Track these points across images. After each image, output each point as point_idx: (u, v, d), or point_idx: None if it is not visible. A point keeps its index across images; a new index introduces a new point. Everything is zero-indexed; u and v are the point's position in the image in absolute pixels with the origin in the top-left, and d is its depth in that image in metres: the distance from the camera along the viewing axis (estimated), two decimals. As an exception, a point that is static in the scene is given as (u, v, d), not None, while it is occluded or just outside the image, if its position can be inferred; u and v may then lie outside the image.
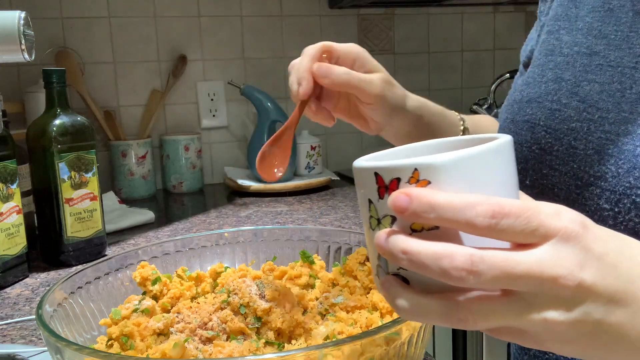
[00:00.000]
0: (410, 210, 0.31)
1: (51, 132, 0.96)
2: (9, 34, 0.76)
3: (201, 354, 0.45)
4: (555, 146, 0.50)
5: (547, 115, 0.52)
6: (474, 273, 0.30)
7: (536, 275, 0.30)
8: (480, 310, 0.32)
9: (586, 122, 0.48)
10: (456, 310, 0.32)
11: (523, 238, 0.31)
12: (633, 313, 0.32)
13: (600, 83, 0.49)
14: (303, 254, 0.61)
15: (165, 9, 1.65)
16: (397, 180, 0.33)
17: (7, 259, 0.91)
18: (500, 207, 0.30)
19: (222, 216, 1.32)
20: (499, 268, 0.30)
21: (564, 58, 0.53)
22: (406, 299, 0.33)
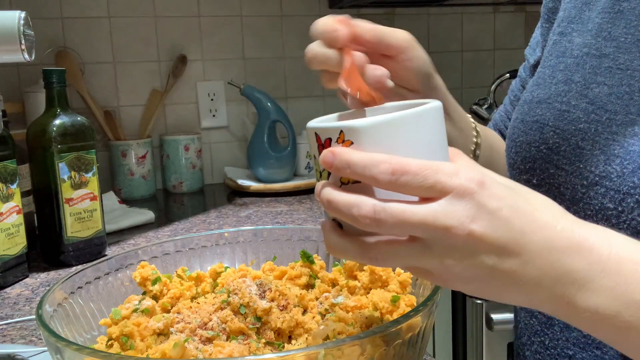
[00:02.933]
0: (333, 166, 0.37)
1: (51, 132, 0.96)
2: (9, 34, 0.76)
3: (201, 354, 0.45)
4: (562, 146, 0.51)
5: (556, 116, 0.52)
6: (377, 221, 0.36)
7: (430, 224, 0.35)
8: (387, 252, 0.37)
9: (594, 123, 0.49)
10: (368, 251, 0.38)
11: (422, 193, 0.36)
12: (523, 263, 0.36)
13: (609, 85, 0.50)
14: (303, 254, 0.61)
15: (165, 9, 1.65)
16: (329, 140, 0.38)
17: (7, 259, 0.91)
18: (401, 166, 0.35)
19: (222, 216, 1.32)
20: (397, 217, 0.35)
21: (574, 60, 0.54)
22: (333, 239, 0.39)
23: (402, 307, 0.52)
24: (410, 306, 0.52)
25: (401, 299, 0.52)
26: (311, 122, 0.42)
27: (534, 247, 0.36)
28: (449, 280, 0.38)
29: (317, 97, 1.81)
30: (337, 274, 0.59)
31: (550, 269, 0.37)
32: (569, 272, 0.37)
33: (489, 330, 1.13)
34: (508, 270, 0.36)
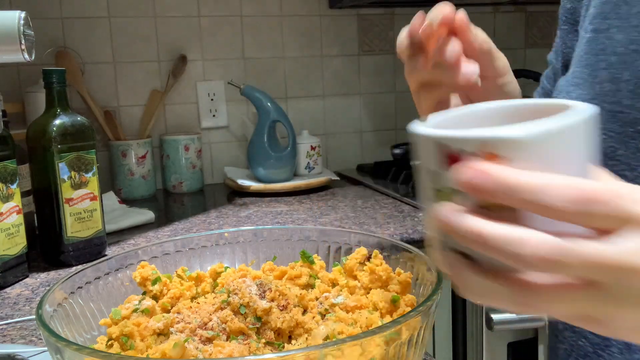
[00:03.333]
0: (484, 189, 0.29)
1: (51, 132, 0.96)
2: (9, 34, 0.76)
3: (201, 354, 0.45)
4: (619, 150, 0.47)
5: (607, 118, 0.49)
6: (558, 263, 0.28)
7: (622, 265, 0.28)
8: (552, 299, 0.30)
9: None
10: (525, 297, 0.30)
11: (605, 223, 0.29)
12: None
13: None
14: (303, 254, 0.61)
15: (165, 9, 1.65)
16: (462, 154, 0.30)
17: (7, 259, 0.91)
18: (583, 191, 0.28)
19: (222, 216, 1.32)
20: (590, 259, 0.28)
21: (618, 57, 0.50)
22: (472, 280, 0.31)
23: (402, 307, 0.52)
24: (410, 306, 0.52)
25: (401, 299, 0.52)
26: (425, 129, 0.33)
27: None
28: (620, 330, 0.32)
29: (317, 97, 1.81)
30: (337, 274, 0.59)
31: None
32: None
33: (489, 330, 1.13)
34: None
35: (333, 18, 1.79)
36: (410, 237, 1.12)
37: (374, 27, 1.83)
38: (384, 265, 0.57)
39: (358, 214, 1.28)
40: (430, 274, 0.53)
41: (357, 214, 1.28)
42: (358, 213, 1.29)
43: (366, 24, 1.81)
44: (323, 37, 1.79)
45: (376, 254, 0.58)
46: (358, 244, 0.63)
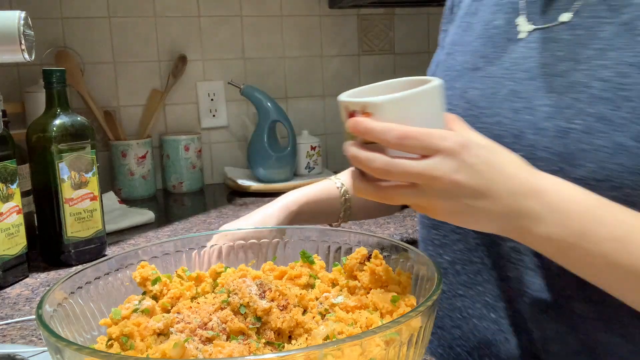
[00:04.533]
0: (357, 131, 0.50)
1: (51, 132, 0.96)
2: (9, 34, 0.76)
3: (201, 354, 0.45)
4: None
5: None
6: (387, 172, 0.50)
7: (424, 174, 0.49)
8: (394, 194, 0.52)
9: (470, 117, 0.65)
10: (381, 191, 0.52)
11: (421, 152, 0.50)
12: (493, 203, 0.51)
13: (480, 89, 0.67)
14: (303, 254, 0.61)
15: (165, 9, 1.65)
16: (354, 112, 0.51)
17: (7, 259, 0.91)
18: (405, 132, 0.49)
19: (222, 216, 1.32)
20: (401, 169, 0.49)
21: (457, 72, 0.71)
22: (357, 184, 0.53)
23: (402, 307, 0.52)
24: (410, 306, 0.52)
25: (401, 299, 0.52)
26: (341, 96, 0.53)
27: (501, 191, 0.51)
28: (438, 214, 0.53)
29: (317, 97, 1.81)
30: (337, 274, 0.59)
31: (514, 207, 0.51)
32: (527, 210, 0.51)
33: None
34: (482, 207, 0.51)
35: (333, 18, 1.79)
36: (410, 237, 1.12)
37: (374, 27, 1.83)
38: (384, 265, 0.57)
39: (358, 214, 1.28)
40: (431, 274, 0.53)
41: (357, 214, 1.28)
42: (358, 213, 1.29)
43: (366, 24, 1.81)
44: (323, 37, 1.79)
45: (376, 254, 0.58)
46: (358, 244, 0.63)
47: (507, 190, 0.51)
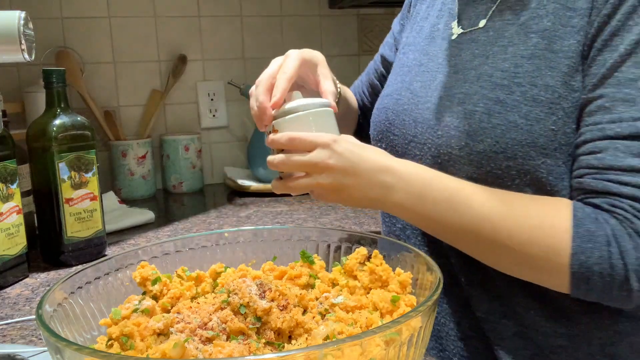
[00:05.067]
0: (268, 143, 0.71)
1: (51, 132, 0.96)
2: (9, 34, 0.76)
3: (201, 354, 0.45)
4: (395, 120, 0.81)
5: (393, 103, 0.83)
6: (284, 165, 0.70)
7: (309, 163, 0.68)
8: (295, 184, 0.71)
9: (411, 104, 0.79)
10: (288, 184, 0.72)
11: (305, 148, 0.68)
12: (358, 179, 0.67)
13: (421, 82, 0.79)
14: (303, 254, 0.62)
15: (165, 9, 1.65)
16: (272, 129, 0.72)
17: (7, 259, 0.91)
18: (292, 136, 0.69)
19: (222, 216, 1.32)
20: (293, 162, 0.69)
21: (407, 68, 0.84)
22: (274, 182, 0.74)
23: (402, 307, 0.52)
24: (410, 306, 0.52)
25: (401, 299, 0.52)
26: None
27: (362, 170, 0.67)
28: (325, 196, 0.70)
29: (317, 97, 1.81)
30: (337, 274, 0.59)
31: (373, 181, 0.67)
32: (383, 182, 0.67)
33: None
34: (351, 184, 0.68)
35: (333, 18, 1.79)
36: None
37: (374, 27, 1.83)
38: (384, 265, 0.57)
39: (358, 214, 1.28)
40: (430, 274, 0.53)
41: (357, 214, 1.28)
42: (358, 213, 1.29)
43: (366, 24, 1.81)
44: (323, 37, 1.79)
45: (376, 254, 0.58)
46: (358, 244, 0.63)
47: (367, 168, 0.67)
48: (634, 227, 0.60)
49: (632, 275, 0.59)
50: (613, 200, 0.62)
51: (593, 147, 0.63)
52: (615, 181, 0.62)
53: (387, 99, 0.85)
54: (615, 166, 0.62)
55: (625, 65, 0.63)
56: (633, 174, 0.61)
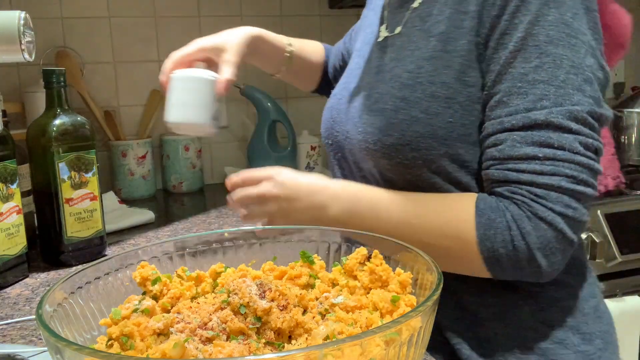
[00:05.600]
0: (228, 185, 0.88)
1: (51, 132, 0.96)
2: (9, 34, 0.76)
3: (201, 354, 0.45)
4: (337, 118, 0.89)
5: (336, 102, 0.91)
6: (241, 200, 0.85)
7: (258, 194, 0.82)
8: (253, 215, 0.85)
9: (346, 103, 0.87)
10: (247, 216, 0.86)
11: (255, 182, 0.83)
12: (299, 202, 0.80)
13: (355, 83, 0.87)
14: (303, 254, 0.61)
15: (165, 9, 1.65)
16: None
17: (7, 259, 0.91)
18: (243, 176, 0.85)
19: (222, 216, 1.32)
20: (246, 194, 0.84)
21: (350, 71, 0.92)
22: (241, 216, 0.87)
23: (402, 307, 0.52)
24: (410, 306, 0.52)
25: (401, 299, 0.52)
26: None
27: (302, 194, 0.80)
28: (275, 220, 0.82)
29: (317, 97, 1.81)
30: (337, 274, 0.59)
31: (313, 202, 0.79)
32: (320, 203, 0.79)
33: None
34: (295, 207, 0.80)
35: (333, 18, 1.78)
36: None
37: (374, 27, 1.82)
38: (384, 265, 0.57)
39: (358, 214, 1.28)
40: (430, 274, 0.53)
41: (357, 214, 1.28)
42: (358, 213, 1.29)
43: (366, 24, 1.81)
44: (323, 37, 1.78)
45: (376, 254, 0.58)
46: (358, 244, 0.63)
47: (305, 192, 0.80)
48: (532, 209, 0.66)
49: (537, 253, 0.66)
50: (513, 187, 0.68)
51: (495, 139, 0.70)
52: (514, 170, 0.68)
53: (332, 99, 0.93)
54: (513, 156, 0.68)
55: (516, 61, 0.68)
56: (529, 162, 0.67)
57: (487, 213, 0.68)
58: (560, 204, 0.66)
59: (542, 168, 0.66)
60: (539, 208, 0.66)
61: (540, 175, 0.66)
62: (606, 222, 1.49)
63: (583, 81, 0.67)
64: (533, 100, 0.67)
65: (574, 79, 0.67)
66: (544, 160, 0.66)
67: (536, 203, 0.66)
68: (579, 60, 0.67)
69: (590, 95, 0.67)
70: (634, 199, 1.55)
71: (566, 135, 0.66)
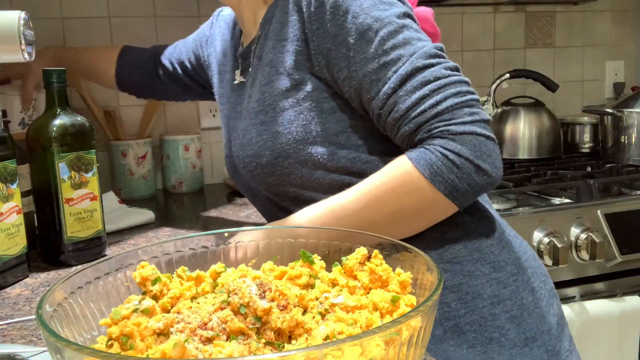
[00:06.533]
0: None
1: (51, 132, 0.96)
2: (9, 34, 0.76)
3: (201, 354, 0.45)
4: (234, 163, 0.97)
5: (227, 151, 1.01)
6: None
7: None
8: None
9: (231, 149, 0.97)
10: None
11: None
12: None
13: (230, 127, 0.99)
14: (303, 254, 0.61)
15: (165, 9, 1.65)
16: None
17: (7, 259, 0.91)
18: None
19: (222, 216, 1.32)
20: None
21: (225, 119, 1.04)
22: None
23: (402, 307, 0.52)
24: (410, 306, 0.52)
25: (401, 299, 0.52)
26: None
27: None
28: None
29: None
30: (337, 274, 0.59)
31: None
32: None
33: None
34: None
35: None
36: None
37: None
38: (384, 265, 0.57)
39: (358, 214, 1.28)
40: (430, 274, 0.53)
41: (357, 214, 1.28)
42: (358, 213, 1.29)
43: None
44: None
45: (376, 254, 0.58)
46: (358, 244, 0.63)
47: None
48: (451, 131, 0.75)
49: (476, 160, 0.75)
50: (426, 127, 0.77)
51: (387, 108, 0.79)
52: (416, 115, 0.77)
53: (225, 149, 1.03)
54: (409, 106, 0.77)
55: (362, 48, 0.79)
56: (423, 101, 0.77)
57: (422, 156, 0.76)
58: (466, 115, 0.76)
59: (436, 99, 0.76)
60: (454, 128, 0.75)
61: (437, 104, 0.76)
62: (606, 222, 1.49)
63: (415, 31, 0.81)
64: (394, 62, 0.78)
65: (408, 33, 0.80)
66: (432, 93, 0.77)
67: (450, 125, 0.76)
68: (401, 19, 0.80)
69: (425, 38, 0.81)
70: (634, 199, 1.55)
71: (433, 69, 0.78)
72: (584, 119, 2.07)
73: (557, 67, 2.18)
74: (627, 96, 1.93)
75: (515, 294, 0.84)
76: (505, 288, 0.84)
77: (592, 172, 1.76)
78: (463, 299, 0.82)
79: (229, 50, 1.06)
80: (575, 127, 2.08)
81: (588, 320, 1.46)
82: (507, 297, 0.83)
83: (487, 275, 0.84)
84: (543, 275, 0.90)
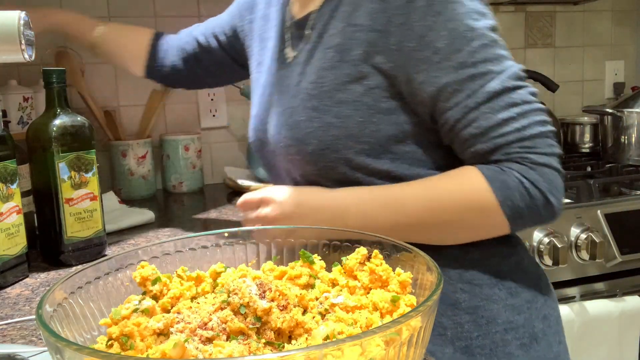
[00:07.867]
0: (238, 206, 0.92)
1: (51, 132, 0.96)
2: (9, 34, 0.76)
3: (201, 354, 0.45)
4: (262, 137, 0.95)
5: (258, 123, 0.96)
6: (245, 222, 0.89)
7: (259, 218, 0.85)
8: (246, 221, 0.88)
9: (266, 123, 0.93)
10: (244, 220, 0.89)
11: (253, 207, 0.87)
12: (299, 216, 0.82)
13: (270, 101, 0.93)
14: (303, 254, 0.61)
15: (165, 9, 1.65)
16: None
17: (7, 259, 0.91)
18: (242, 201, 0.89)
19: (222, 216, 1.32)
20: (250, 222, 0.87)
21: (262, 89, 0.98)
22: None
23: (402, 307, 0.52)
24: (410, 306, 0.52)
25: (401, 299, 0.52)
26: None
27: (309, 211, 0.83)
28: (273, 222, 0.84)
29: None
30: (337, 274, 0.59)
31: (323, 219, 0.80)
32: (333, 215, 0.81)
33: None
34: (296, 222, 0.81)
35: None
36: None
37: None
38: (384, 265, 0.57)
39: (358, 214, 1.28)
40: (431, 274, 0.53)
41: (357, 214, 1.28)
42: (358, 213, 1.29)
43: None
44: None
45: (376, 254, 0.58)
46: (358, 244, 0.63)
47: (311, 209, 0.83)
48: (531, 160, 0.75)
49: (548, 194, 0.75)
50: (505, 149, 0.75)
51: (466, 121, 0.76)
52: (498, 135, 0.75)
53: (254, 120, 0.98)
54: (492, 125, 0.75)
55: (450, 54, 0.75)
56: (508, 123, 0.75)
57: (498, 177, 0.75)
58: (547, 146, 0.76)
59: (521, 124, 0.75)
60: (535, 157, 0.75)
61: (523, 130, 0.75)
62: (606, 222, 1.49)
63: (504, 49, 0.78)
64: (482, 76, 0.75)
65: (499, 49, 0.78)
66: (518, 117, 0.75)
67: (531, 154, 0.75)
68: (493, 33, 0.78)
69: (511, 57, 0.79)
70: (634, 199, 1.55)
71: (521, 92, 0.76)
72: (584, 119, 2.07)
73: (557, 67, 2.18)
74: (627, 96, 1.93)
75: (528, 321, 0.84)
76: (519, 315, 0.83)
77: (592, 172, 1.76)
78: (478, 322, 0.82)
79: (273, 15, 0.99)
80: (575, 127, 2.08)
81: (588, 320, 1.46)
82: (520, 325, 0.83)
83: (503, 301, 0.83)
84: (554, 301, 0.90)
